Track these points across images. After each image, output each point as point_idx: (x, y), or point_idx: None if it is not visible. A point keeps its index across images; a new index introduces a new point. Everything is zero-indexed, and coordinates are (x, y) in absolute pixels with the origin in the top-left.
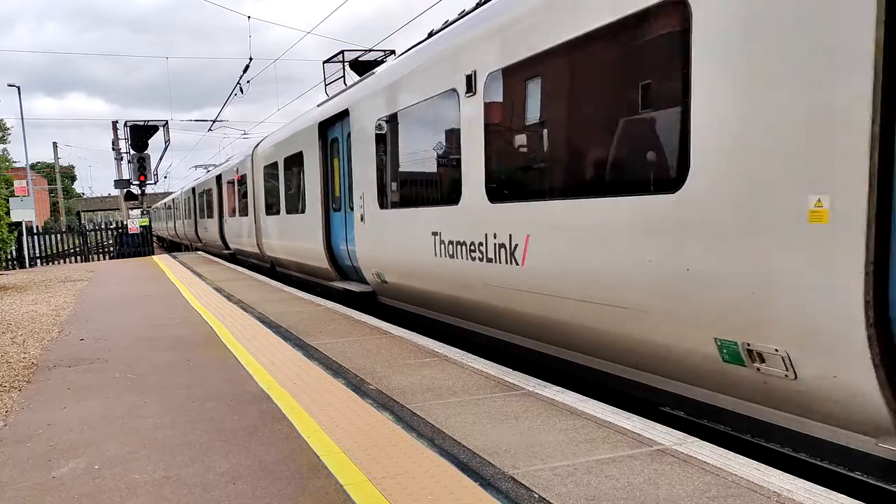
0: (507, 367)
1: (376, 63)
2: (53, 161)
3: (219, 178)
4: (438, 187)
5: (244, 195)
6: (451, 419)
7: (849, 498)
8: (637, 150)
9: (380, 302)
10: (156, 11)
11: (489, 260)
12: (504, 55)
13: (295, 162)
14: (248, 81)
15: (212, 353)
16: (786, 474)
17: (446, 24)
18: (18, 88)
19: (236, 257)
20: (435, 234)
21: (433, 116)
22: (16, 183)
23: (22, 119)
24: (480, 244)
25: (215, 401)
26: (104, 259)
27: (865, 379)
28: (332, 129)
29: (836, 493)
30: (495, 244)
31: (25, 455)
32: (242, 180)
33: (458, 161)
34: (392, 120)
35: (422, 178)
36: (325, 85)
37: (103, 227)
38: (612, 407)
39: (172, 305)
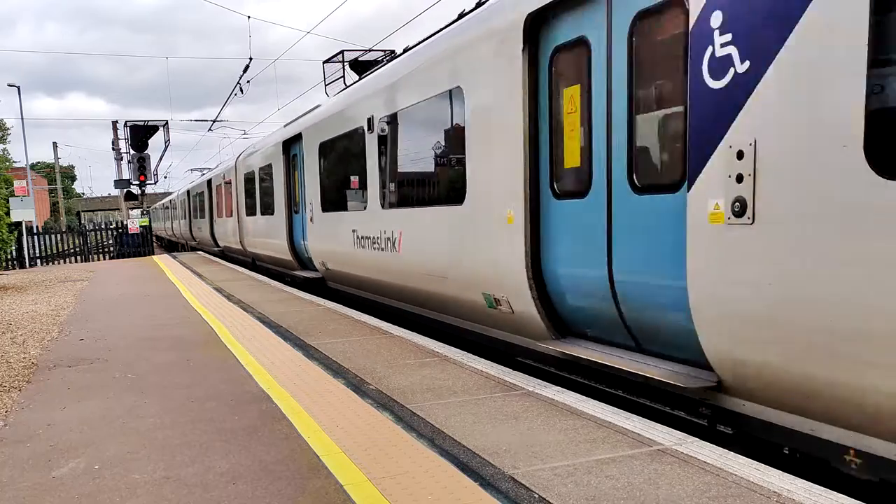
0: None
1: (376, 63)
2: (53, 161)
3: (209, 182)
4: (355, 196)
5: (230, 198)
6: (451, 419)
7: (849, 498)
8: (447, 179)
9: (328, 286)
10: (156, 11)
11: (381, 249)
12: (386, 108)
13: (267, 171)
14: (248, 81)
15: (212, 353)
16: (786, 474)
17: (359, 79)
18: (18, 88)
19: (225, 254)
20: (354, 231)
21: (351, 144)
22: (16, 183)
23: (22, 119)
24: (377, 237)
25: (215, 401)
26: (104, 259)
27: (534, 311)
28: (293, 147)
29: (835, 492)
30: (385, 237)
31: (25, 455)
32: (228, 185)
33: (366, 177)
34: (327, 144)
35: (345, 188)
36: (325, 85)
37: (103, 227)
38: (612, 407)
39: (172, 305)
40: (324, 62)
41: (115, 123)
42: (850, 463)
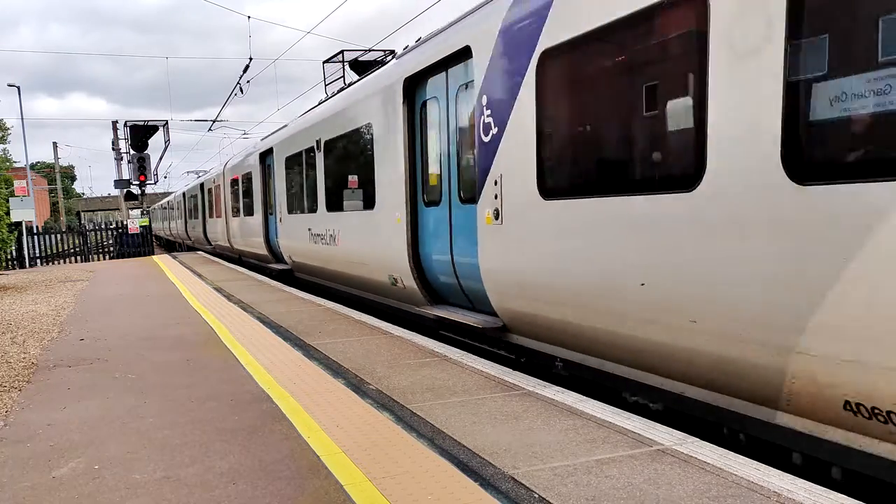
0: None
1: (376, 63)
2: (53, 161)
3: (202, 185)
4: (309, 202)
5: (219, 201)
6: (451, 419)
7: (849, 498)
8: (365, 189)
9: (296, 277)
10: (159, 12)
11: (327, 243)
12: (329, 134)
13: (248, 178)
14: (248, 81)
15: (212, 353)
16: (786, 474)
17: (313, 108)
18: (18, 88)
19: (216, 251)
20: (309, 229)
21: (307, 159)
22: (16, 183)
23: (22, 119)
24: (324, 234)
25: (215, 401)
26: (104, 259)
27: (416, 286)
28: (267, 158)
29: (835, 492)
30: (329, 234)
31: (25, 455)
32: (218, 189)
33: (316, 186)
34: (291, 158)
35: (303, 195)
36: (325, 85)
37: (103, 227)
38: (612, 407)
39: (172, 305)
40: (324, 62)
41: (114, 123)
42: (558, 367)
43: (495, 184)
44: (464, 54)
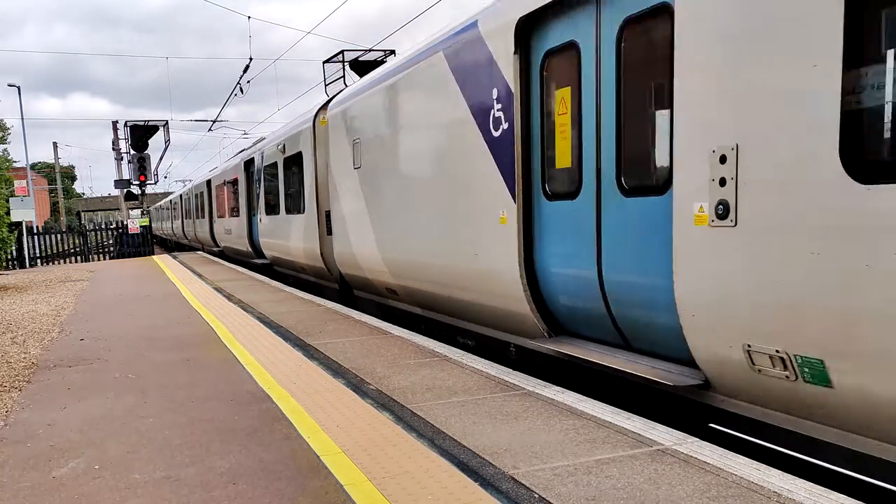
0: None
1: (376, 63)
2: (53, 161)
3: (191, 191)
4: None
5: (208, 204)
6: (451, 419)
7: (849, 498)
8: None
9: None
10: (163, 13)
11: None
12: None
13: (233, 184)
14: (249, 81)
15: (212, 353)
16: (786, 474)
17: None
18: (18, 88)
19: (203, 247)
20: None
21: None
22: (16, 183)
23: (22, 119)
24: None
25: (215, 401)
26: (104, 259)
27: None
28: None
29: (835, 493)
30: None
31: (25, 455)
32: (206, 193)
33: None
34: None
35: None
36: (325, 85)
37: (103, 227)
38: (612, 407)
39: (172, 305)
40: (324, 62)
41: (115, 123)
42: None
43: (722, 161)
44: (253, 160)
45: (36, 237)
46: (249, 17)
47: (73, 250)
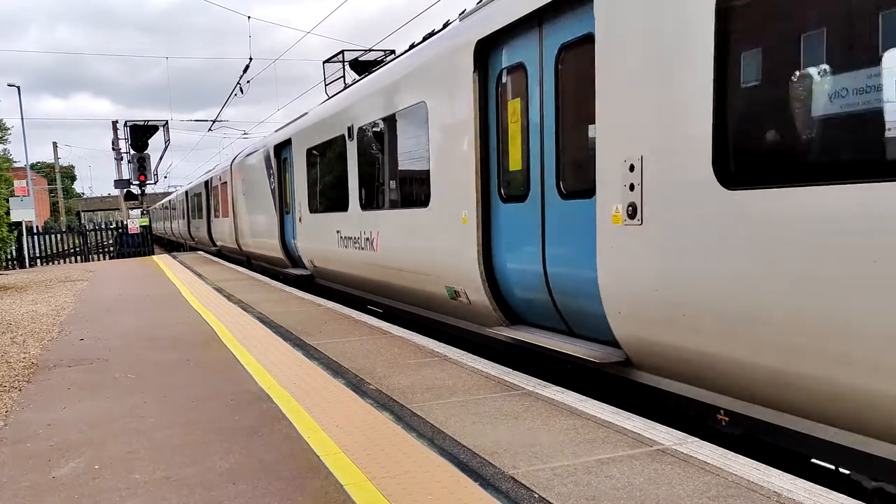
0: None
1: (376, 63)
2: (53, 161)
3: (186, 193)
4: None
5: (199, 206)
6: (450, 419)
7: (849, 498)
8: (263, 203)
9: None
10: (166, 13)
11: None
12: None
13: (208, 193)
14: (248, 81)
15: (212, 353)
16: (786, 474)
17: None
18: (18, 88)
19: (198, 246)
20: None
21: (245, 180)
22: (16, 183)
23: (22, 119)
24: (259, 230)
25: (215, 401)
26: (104, 259)
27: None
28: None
29: (835, 493)
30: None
31: (25, 455)
32: (195, 197)
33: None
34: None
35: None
36: (325, 85)
37: (103, 226)
38: (612, 407)
39: (172, 305)
40: (324, 62)
41: (115, 123)
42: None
43: (631, 169)
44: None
45: (36, 237)
46: (249, 17)
47: (72, 250)
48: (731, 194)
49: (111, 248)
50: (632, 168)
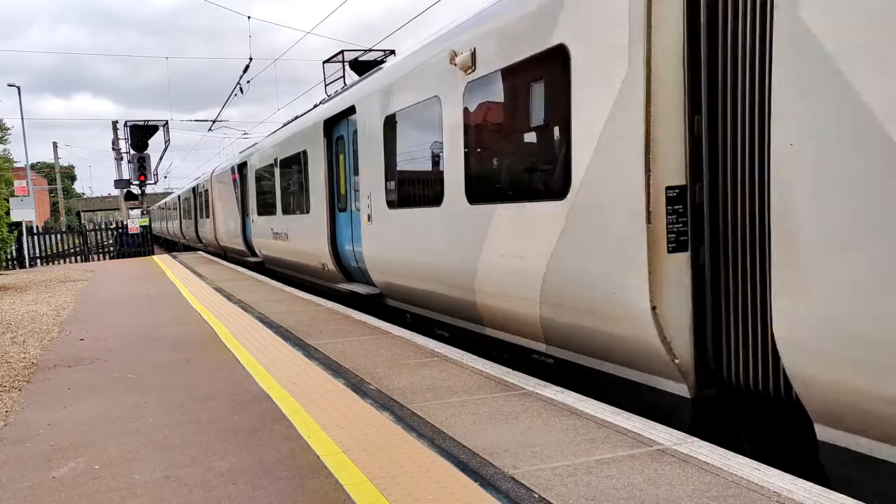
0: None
1: (376, 63)
2: (54, 161)
3: (178, 198)
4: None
5: (191, 208)
6: (451, 419)
7: (849, 498)
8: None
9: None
10: (169, 14)
11: (231, 233)
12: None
13: (201, 196)
14: (248, 82)
15: (212, 353)
16: (786, 474)
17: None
18: (18, 88)
19: (189, 244)
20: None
21: (270, 173)
22: (16, 183)
23: (22, 119)
24: (235, 230)
25: (215, 401)
26: (104, 259)
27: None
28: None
29: (835, 493)
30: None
31: (25, 455)
32: (196, 197)
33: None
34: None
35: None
36: (325, 85)
37: (103, 226)
38: (612, 407)
39: (172, 305)
40: (324, 62)
41: (115, 123)
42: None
43: (369, 197)
44: (352, 111)
45: (36, 237)
46: (249, 17)
47: (72, 250)
48: (394, 211)
49: (111, 248)
50: (369, 196)
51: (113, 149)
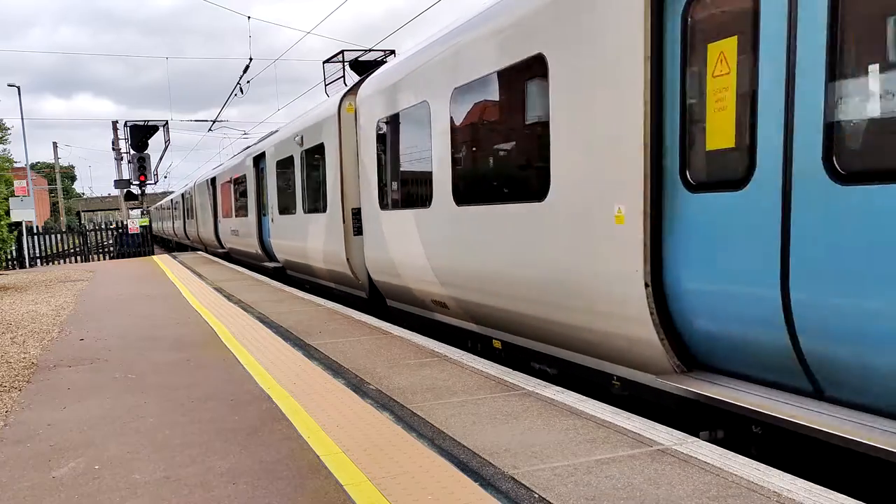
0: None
1: (376, 63)
2: (53, 161)
3: (171, 200)
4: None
5: (188, 209)
6: (450, 419)
7: (849, 498)
8: (227, 207)
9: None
10: (169, 14)
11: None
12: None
13: (184, 202)
14: (248, 82)
15: (212, 353)
16: (786, 474)
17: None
18: (18, 89)
19: (181, 241)
20: (222, 228)
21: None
22: (16, 183)
23: (22, 119)
24: (234, 230)
25: (215, 401)
26: (104, 259)
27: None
28: (183, 195)
29: (835, 493)
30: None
31: (25, 455)
32: (184, 202)
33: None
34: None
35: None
36: (325, 85)
37: (103, 227)
38: (612, 407)
39: (172, 305)
40: (324, 62)
41: (115, 123)
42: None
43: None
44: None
45: (36, 237)
46: (249, 18)
47: (72, 250)
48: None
49: (111, 249)
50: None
51: (113, 149)
